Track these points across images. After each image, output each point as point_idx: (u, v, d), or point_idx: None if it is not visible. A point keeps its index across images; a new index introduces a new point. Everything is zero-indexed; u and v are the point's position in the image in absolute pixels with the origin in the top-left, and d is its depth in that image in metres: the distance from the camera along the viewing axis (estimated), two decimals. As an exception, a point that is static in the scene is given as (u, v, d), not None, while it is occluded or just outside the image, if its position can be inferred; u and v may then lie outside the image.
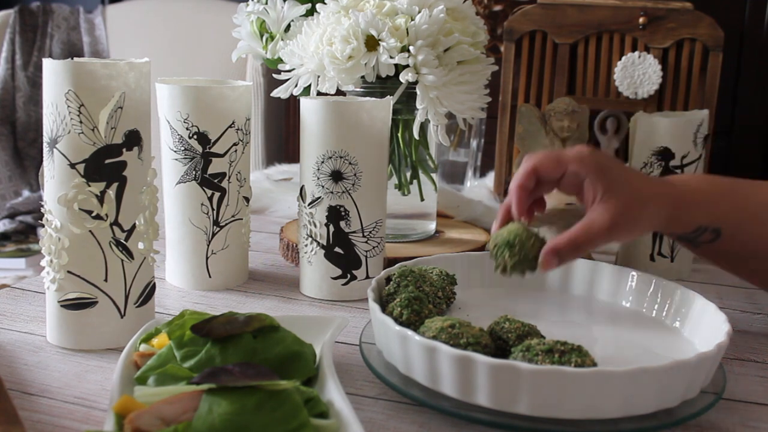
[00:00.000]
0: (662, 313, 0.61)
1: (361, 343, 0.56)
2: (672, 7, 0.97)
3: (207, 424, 0.40)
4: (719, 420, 0.51)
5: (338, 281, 0.71)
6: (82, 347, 0.58)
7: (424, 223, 0.90)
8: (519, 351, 0.48)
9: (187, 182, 0.71)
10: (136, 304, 0.59)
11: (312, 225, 0.71)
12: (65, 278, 0.57)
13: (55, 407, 0.49)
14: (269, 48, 0.85)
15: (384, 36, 0.74)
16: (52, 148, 0.55)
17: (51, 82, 0.55)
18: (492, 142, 1.11)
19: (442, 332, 0.49)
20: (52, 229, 0.56)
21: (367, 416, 0.50)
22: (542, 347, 0.47)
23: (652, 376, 0.45)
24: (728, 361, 0.60)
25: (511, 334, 0.51)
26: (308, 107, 0.69)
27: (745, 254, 0.64)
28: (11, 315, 0.65)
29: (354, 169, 0.69)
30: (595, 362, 0.48)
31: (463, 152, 1.25)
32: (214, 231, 0.72)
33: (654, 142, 0.79)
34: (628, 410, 0.46)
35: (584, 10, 1.00)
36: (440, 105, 0.77)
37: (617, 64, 0.98)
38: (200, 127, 0.70)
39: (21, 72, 2.28)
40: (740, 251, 0.64)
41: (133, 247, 0.58)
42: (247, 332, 0.48)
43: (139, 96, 0.57)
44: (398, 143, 0.86)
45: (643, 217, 0.59)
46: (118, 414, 0.41)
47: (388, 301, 0.57)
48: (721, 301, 0.76)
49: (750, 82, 2.16)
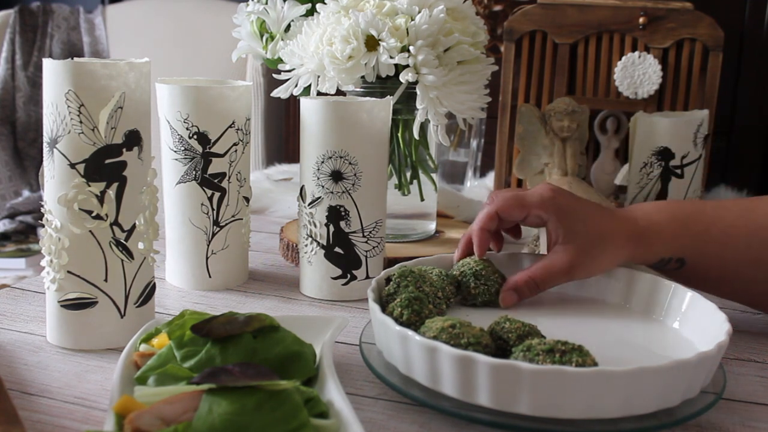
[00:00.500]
0: (662, 313, 0.61)
1: (361, 343, 0.56)
2: (672, 7, 0.97)
3: (207, 424, 0.40)
4: (719, 420, 0.51)
5: (338, 281, 0.71)
6: (82, 347, 0.58)
7: (424, 223, 0.90)
8: (520, 351, 0.48)
9: (187, 182, 0.71)
10: (136, 304, 0.59)
11: (312, 225, 0.71)
12: (65, 278, 0.57)
13: (55, 407, 0.49)
14: (269, 48, 0.85)
15: (384, 36, 0.74)
16: (52, 148, 0.55)
17: (51, 82, 0.55)
18: (492, 142, 1.11)
19: (442, 332, 0.49)
20: (52, 229, 0.56)
21: (367, 416, 0.50)
22: (543, 347, 0.47)
23: (653, 375, 0.45)
24: (728, 361, 0.60)
25: (512, 334, 0.51)
26: (308, 107, 0.69)
27: (715, 278, 0.65)
28: (11, 315, 0.65)
29: (354, 169, 0.69)
30: (596, 362, 0.48)
31: (463, 152, 1.25)
32: (214, 231, 0.72)
33: (654, 142, 0.79)
34: (629, 410, 0.46)
35: (584, 10, 1.00)
36: (440, 105, 0.77)
37: (617, 64, 0.98)
38: (200, 127, 0.70)
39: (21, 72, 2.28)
40: (709, 276, 0.65)
41: (133, 247, 0.58)
42: (247, 332, 0.48)
43: (139, 96, 0.57)
44: (398, 143, 0.86)
45: (604, 257, 0.62)
46: (118, 414, 0.41)
47: (388, 301, 0.57)
48: (721, 301, 0.75)
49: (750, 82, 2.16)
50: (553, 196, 0.63)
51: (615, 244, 0.62)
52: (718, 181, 1.35)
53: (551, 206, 0.62)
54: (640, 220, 0.63)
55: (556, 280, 0.62)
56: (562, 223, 0.62)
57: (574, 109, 0.90)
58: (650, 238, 0.63)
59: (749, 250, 0.63)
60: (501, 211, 0.64)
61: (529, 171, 0.94)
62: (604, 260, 0.62)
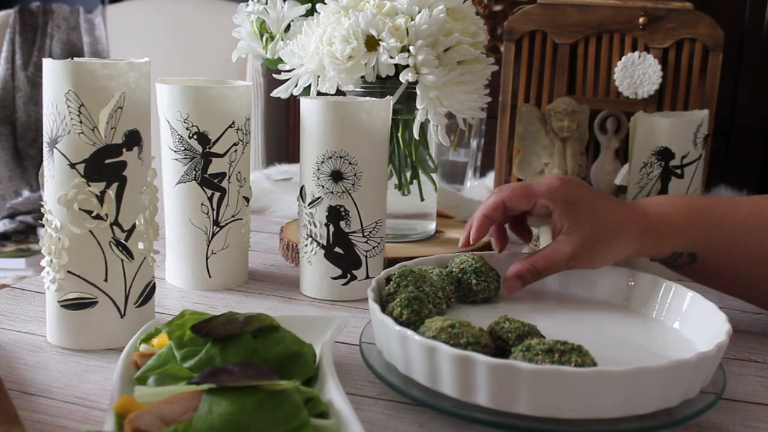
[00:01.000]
0: (662, 313, 0.61)
1: (361, 343, 0.56)
2: (672, 7, 0.97)
3: (207, 424, 0.40)
4: (719, 420, 0.51)
5: (338, 281, 0.71)
6: (82, 347, 0.58)
7: (424, 223, 0.90)
8: (519, 351, 0.48)
9: (187, 182, 0.71)
10: (136, 304, 0.59)
11: (312, 225, 0.71)
12: (65, 278, 0.57)
13: (55, 407, 0.49)
14: (269, 48, 0.85)
15: (384, 36, 0.74)
16: (52, 148, 0.55)
17: (51, 82, 0.55)
18: (492, 142, 1.11)
19: (442, 332, 0.49)
20: (52, 229, 0.56)
21: (367, 416, 0.50)
22: (542, 347, 0.47)
23: (653, 375, 0.45)
24: (728, 361, 0.60)
25: (511, 334, 0.52)
26: (308, 107, 0.69)
27: (726, 275, 0.65)
28: (11, 315, 0.65)
29: (354, 169, 0.69)
30: (595, 362, 0.48)
31: (463, 152, 1.25)
32: (214, 231, 0.72)
33: (654, 142, 0.79)
34: (628, 410, 0.46)
35: (584, 10, 1.00)
36: (440, 105, 0.77)
37: (617, 64, 0.98)
38: (200, 127, 0.70)
39: (21, 72, 2.28)
40: (720, 273, 0.65)
41: (133, 247, 0.58)
42: (247, 332, 0.48)
43: (139, 96, 0.57)
44: (398, 143, 0.86)
45: (611, 248, 0.62)
46: (118, 414, 0.41)
47: (388, 301, 0.58)
48: (721, 301, 0.75)
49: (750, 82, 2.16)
50: (561, 186, 0.62)
51: (624, 237, 0.61)
52: (718, 181, 1.35)
53: (558, 196, 0.62)
54: (652, 214, 0.63)
55: (556, 267, 0.62)
56: (568, 213, 0.61)
57: (574, 109, 0.90)
58: (662, 231, 0.62)
59: (760, 246, 0.62)
60: (507, 199, 0.64)
61: (529, 171, 0.94)
62: (609, 252, 0.62)
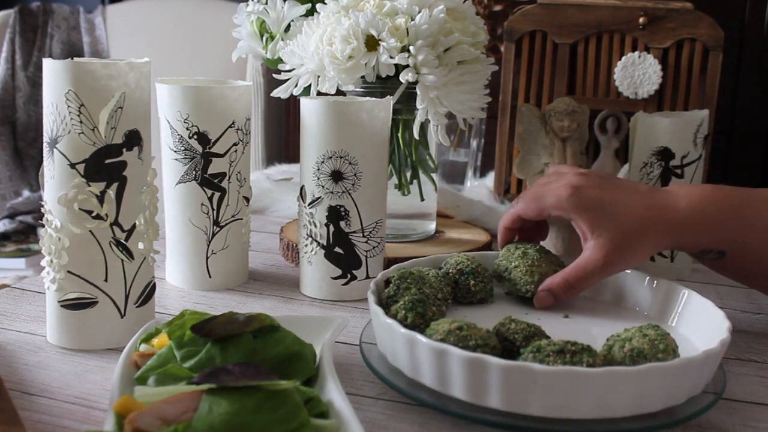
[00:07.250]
0: (662, 313, 0.61)
1: (361, 343, 0.56)
2: (672, 7, 0.97)
3: (207, 424, 0.40)
4: (719, 420, 0.51)
5: (338, 281, 0.71)
6: (82, 347, 0.58)
7: (424, 223, 0.90)
8: (529, 352, 0.48)
9: (187, 182, 0.71)
10: (136, 304, 0.59)
11: (312, 225, 0.71)
12: (65, 278, 0.57)
13: (55, 407, 0.49)
14: (269, 48, 0.85)
15: (384, 36, 0.74)
16: (52, 148, 0.55)
17: (51, 82, 0.55)
18: (492, 142, 1.11)
19: (450, 335, 0.49)
20: (52, 229, 0.56)
21: (367, 416, 0.50)
22: (553, 348, 0.47)
23: (663, 374, 0.45)
24: (728, 361, 0.60)
25: (518, 335, 0.51)
26: (308, 107, 0.69)
27: (753, 272, 0.63)
28: (11, 315, 0.65)
29: (354, 169, 0.69)
30: (604, 362, 0.48)
31: (463, 152, 1.25)
32: (214, 231, 0.72)
33: (654, 142, 0.79)
34: (637, 409, 0.46)
35: (584, 10, 1.00)
36: (440, 105, 0.77)
37: (617, 64, 0.98)
38: (200, 127, 0.70)
39: (21, 72, 2.28)
40: (746, 269, 0.63)
41: (133, 247, 0.58)
42: (247, 332, 0.48)
43: (139, 96, 0.57)
44: (398, 143, 0.86)
45: (641, 246, 0.59)
46: (118, 414, 0.41)
47: (388, 303, 0.57)
48: (721, 301, 0.75)
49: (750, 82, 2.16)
50: (571, 194, 0.60)
51: (654, 234, 0.59)
52: (718, 181, 1.35)
53: (569, 205, 0.60)
54: (683, 210, 0.60)
55: (591, 278, 0.60)
56: (588, 220, 0.60)
57: (574, 109, 0.90)
58: (695, 229, 0.60)
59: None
60: (522, 213, 0.65)
61: (529, 171, 0.94)
62: (643, 249, 0.59)
